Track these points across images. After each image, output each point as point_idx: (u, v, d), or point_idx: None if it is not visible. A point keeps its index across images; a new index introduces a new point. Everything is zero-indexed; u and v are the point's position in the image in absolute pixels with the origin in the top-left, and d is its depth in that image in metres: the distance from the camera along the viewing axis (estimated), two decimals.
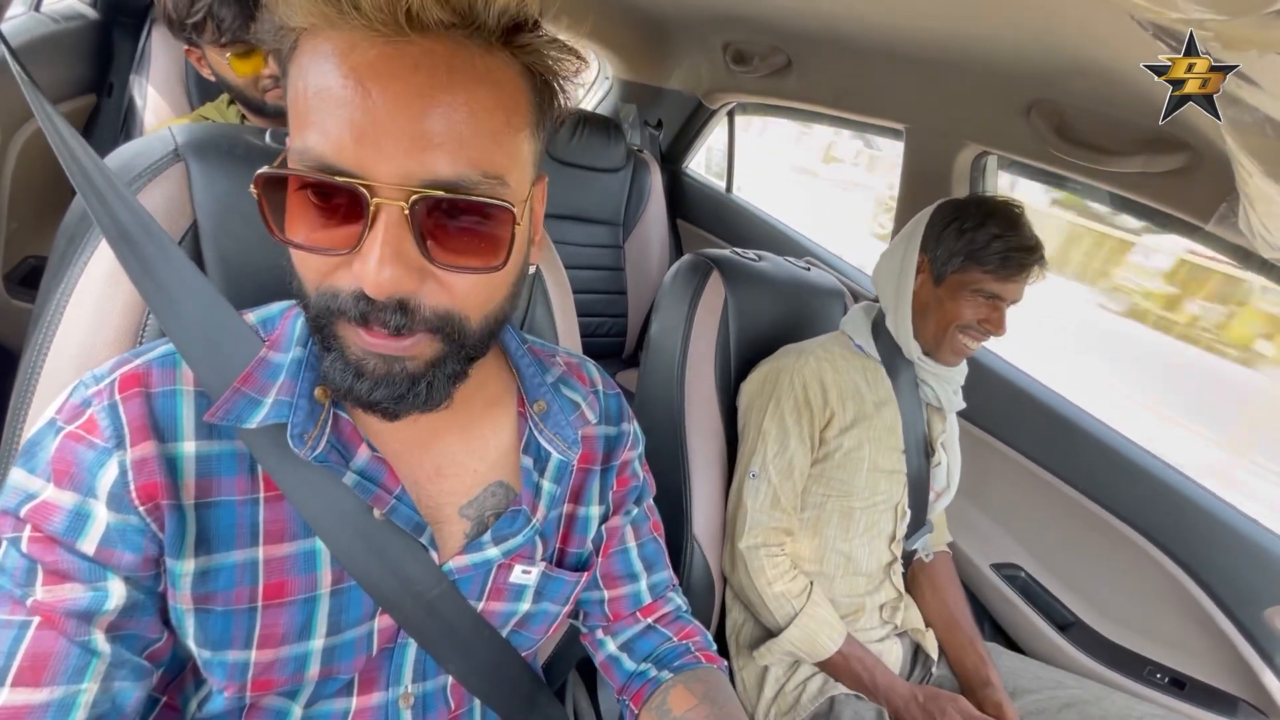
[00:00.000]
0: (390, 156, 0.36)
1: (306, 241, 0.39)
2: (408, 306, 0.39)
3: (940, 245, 1.01)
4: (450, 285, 0.40)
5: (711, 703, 0.61)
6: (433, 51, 0.36)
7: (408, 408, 0.43)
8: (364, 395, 0.42)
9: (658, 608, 0.70)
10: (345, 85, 0.35)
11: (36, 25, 1.47)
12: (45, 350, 0.57)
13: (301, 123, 0.37)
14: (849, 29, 1.31)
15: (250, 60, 1.08)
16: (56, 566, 0.41)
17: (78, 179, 0.51)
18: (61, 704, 0.40)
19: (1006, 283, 0.98)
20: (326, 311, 0.40)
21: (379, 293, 0.38)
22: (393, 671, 0.54)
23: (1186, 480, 1.19)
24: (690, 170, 2.48)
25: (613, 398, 0.66)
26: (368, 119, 0.35)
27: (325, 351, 0.43)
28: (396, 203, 0.36)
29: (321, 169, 0.36)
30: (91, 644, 0.41)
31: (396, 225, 0.37)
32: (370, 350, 0.41)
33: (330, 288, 0.40)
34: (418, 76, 0.36)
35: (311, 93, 0.36)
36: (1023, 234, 0.97)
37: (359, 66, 0.35)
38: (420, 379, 0.42)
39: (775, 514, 1.02)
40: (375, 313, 0.39)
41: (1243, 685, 1.10)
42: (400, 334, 0.40)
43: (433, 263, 0.39)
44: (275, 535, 0.47)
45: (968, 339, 1.02)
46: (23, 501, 0.41)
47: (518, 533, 0.55)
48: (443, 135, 0.36)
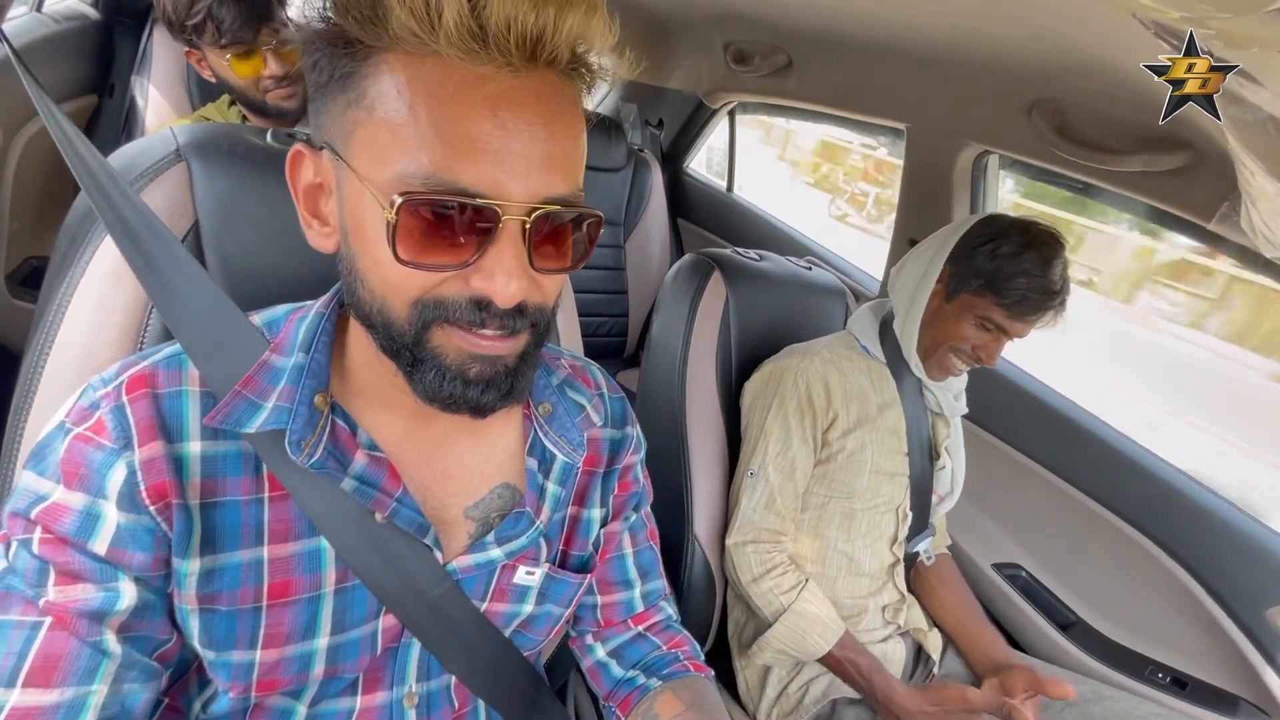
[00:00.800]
0: (521, 178, 0.39)
1: (422, 259, 0.40)
2: (523, 308, 0.43)
3: (968, 260, 0.97)
4: (542, 284, 0.44)
5: (699, 710, 0.61)
6: (547, 82, 0.40)
7: (505, 403, 0.46)
8: (475, 399, 0.44)
9: (649, 616, 0.70)
10: (481, 114, 0.38)
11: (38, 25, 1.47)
12: (47, 350, 0.57)
13: (418, 145, 0.38)
14: (849, 28, 1.31)
15: (250, 61, 1.08)
16: (68, 567, 0.41)
17: (83, 178, 0.51)
18: (71, 705, 0.40)
19: (1017, 321, 0.95)
20: (429, 323, 0.42)
21: (509, 303, 0.41)
22: (397, 671, 0.54)
23: (1188, 480, 1.19)
24: (691, 170, 2.48)
25: (617, 401, 0.66)
26: (503, 146, 0.38)
27: (414, 365, 0.44)
28: (520, 219, 0.40)
29: (455, 192, 0.38)
30: (103, 644, 0.41)
31: (519, 240, 0.40)
32: (475, 353, 0.43)
33: (434, 298, 0.42)
34: (540, 106, 0.39)
35: (437, 119, 0.38)
36: (1051, 276, 0.93)
37: (492, 97, 0.38)
38: (517, 373, 0.46)
39: (768, 515, 1.02)
40: (493, 318, 0.42)
41: (1244, 685, 1.10)
42: (514, 334, 0.44)
43: (535, 269, 0.42)
44: (280, 535, 0.48)
45: (958, 360, 1.00)
46: (33, 503, 0.42)
47: (521, 534, 0.56)
48: (560, 158, 0.41)
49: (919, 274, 1.04)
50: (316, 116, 0.43)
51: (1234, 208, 0.88)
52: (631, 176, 2.07)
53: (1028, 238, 0.95)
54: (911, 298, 1.04)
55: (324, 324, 0.49)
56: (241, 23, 1.04)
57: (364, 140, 0.40)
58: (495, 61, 0.37)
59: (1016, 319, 0.95)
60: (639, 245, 2.09)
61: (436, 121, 0.38)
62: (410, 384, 0.45)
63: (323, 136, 0.43)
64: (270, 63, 1.09)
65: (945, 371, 1.03)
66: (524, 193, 0.39)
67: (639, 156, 2.09)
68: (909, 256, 1.08)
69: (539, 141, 0.39)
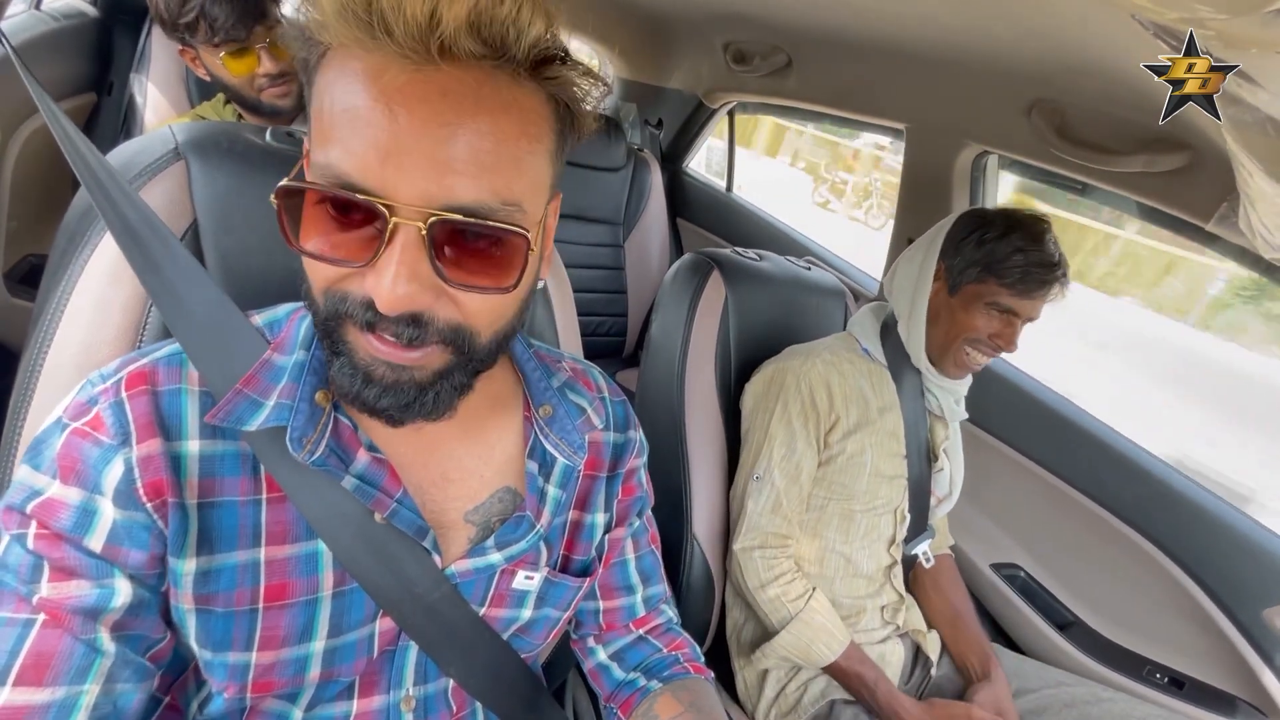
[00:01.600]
0: (412, 179, 0.37)
1: (321, 251, 0.39)
2: (420, 320, 0.40)
3: (959, 254, 0.99)
4: (462, 302, 0.41)
5: (697, 711, 0.62)
6: (461, 79, 0.37)
7: (412, 415, 0.44)
8: (371, 401, 0.43)
9: (650, 619, 0.70)
10: (373, 107, 0.36)
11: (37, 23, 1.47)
12: (46, 348, 0.57)
13: (325, 138, 0.38)
14: (849, 28, 1.31)
15: (244, 59, 1.07)
16: (63, 563, 0.41)
17: (84, 176, 0.51)
18: (63, 705, 0.39)
19: (1024, 299, 0.95)
20: (335, 315, 0.41)
21: (392, 309, 0.38)
22: (394, 674, 0.54)
23: (1186, 480, 1.19)
24: (691, 169, 2.48)
25: (619, 404, 0.66)
26: (393, 141, 0.36)
27: (333, 356, 0.43)
28: (414, 223, 0.37)
29: (344, 185, 0.37)
30: (97, 642, 0.41)
31: (414, 245, 0.38)
32: (379, 358, 0.41)
33: (340, 291, 0.41)
34: (445, 103, 0.36)
35: (338, 110, 0.37)
36: (1046, 250, 0.94)
37: (388, 90, 0.36)
38: (428, 389, 0.43)
39: (775, 519, 1.01)
40: (385, 323, 0.40)
41: (1242, 685, 1.10)
42: (412, 345, 0.41)
43: (447, 282, 0.40)
44: (277, 537, 0.47)
45: (976, 353, 1.00)
46: (29, 498, 0.41)
47: (521, 538, 0.55)
48: (465, 161, 0.37)
49: (913, 276, 1.04)
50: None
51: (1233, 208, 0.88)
52: (631, 176, 2.06)
53: (1012, 220, 0.97)
54: (911, 300, 1.04)
55: None
56: (235, 21, 1.03)
57: (313, 134, 0.40)
58: (388, 51, 0.35)
59: (1023, 296, 0.95)
60: (638, 245, 2.09)
61: (340, 113, 0.37)
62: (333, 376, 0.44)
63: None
64: (264, 60, 1.08)
65: (964, 368, 1.02)
66: (415, 195, 0.37)
67: (638, 156, 2.09)
68: (900, 260, 1.09)
69: (437, 141, 0.36)
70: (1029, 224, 0.96)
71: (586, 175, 1.98)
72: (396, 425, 0.45)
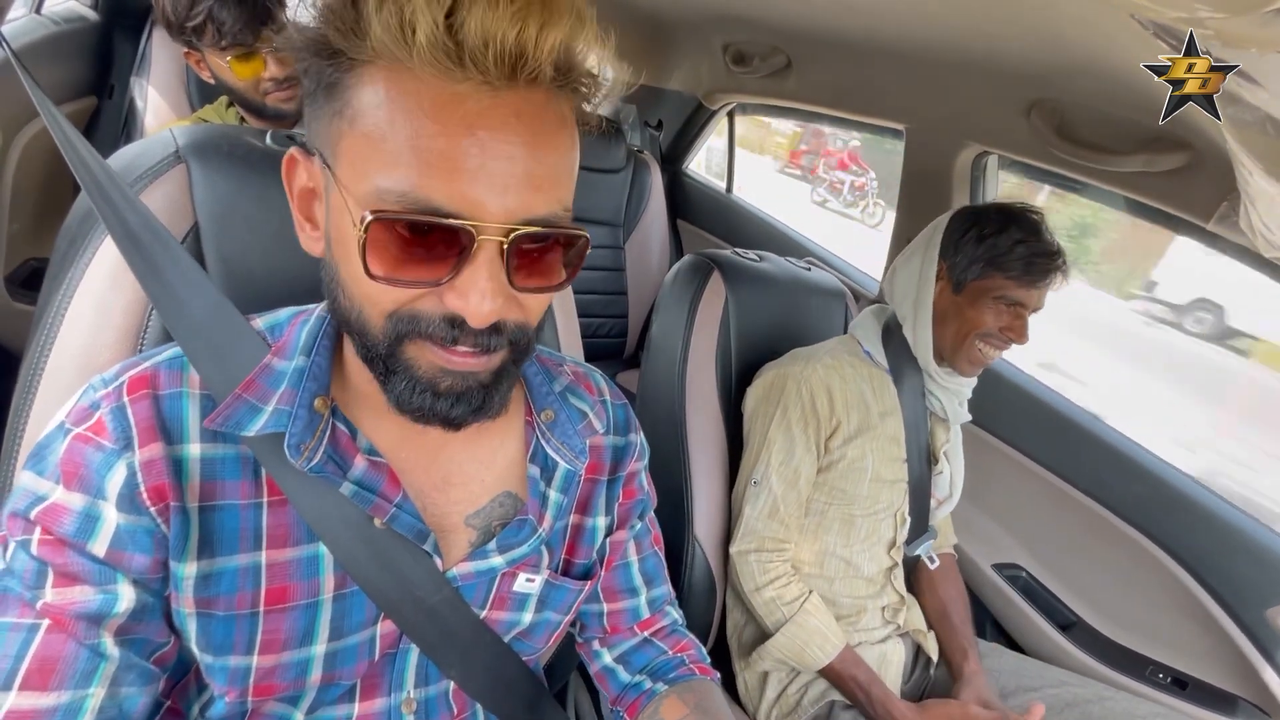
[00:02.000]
0: (499, 198, 0.38)
1: (394, 274, 0.40)
2: (499, 327, 0.42)
3: (960, 252, 0.99)
4: (525, 303, 0.44)
5: (703, 712, 0.62)
6: (530, 100, 0.39)
7: (479, 417, 0.45)
8: (444, 412, 0.44)
9: (655, 621, 0.70)
10: (457, 134, 0.37)
11: (37, 27, 1.47)
12: (47, 352, 0.57)
13: (395, 161, 0.38)
14: (849, 29, 1.31)
15: (251, 63, 1.08)
16: (66, 569, 0.41)
17: (85, 180, 0.51)
18: (68, 709, 0.39)
19: (1030, 289, 0.96)
20: (401, 336, 0.42)
21: (483, 323, 0.40)
22: (395, 677, 0.54)
23: (1188, 480, 1.19)
24: (690, 170, 2.48)
25: (620, 408, 0.66)
26: (479, 167, 0.38)
27: (388, 375, 0.44)
28: (497, 239, 0.39)
29: (428, 210, 0.38)
30: (101, 647, 0.41)
31: (495, 260, 0.40)
32: (445, 369, 0.43)
33: (410, 312, 0.41)
34: (520, 124, 0.38)
35: (413, 135, 0.37)
36: (1044, 239, 0.96)
37: (470, 116, 0.37)
38: (492, 389, 0.45)
39: (772, 524, 1.01)
40: (467, 336, 0.41)
41: (1245, 685, 1.10)
42: (489, 352, 0.43)
43: (515, 288, 0.42)
44: (278, 540, 0.47)
45: (988, 348, 1.00)
46: (32, 504, 0.41)
47: (523, 542, 0.55)
48: (541, 178, 0.40)
49: (914, 279, 1.05)
50: (309, 122, 0.43)
51: (1233, 208, 0.88)
52: (631, 177, 2.07)
53: (1006, 214, 0.98)
54: (915, 303, 1.04)
55: (325, 328, 0.49)
56: (242, 25, 1.03)
57: (346, 151, 0.40)
58: (473, 80, 0.37)
59: (1029, 286, 0.97)
60: (638, 246, 2.09)
61: (413, 138, 0.37)
62: (384, 393, 0.45)
63: (314, 143, 0.43)
64: (270, 65, 1.09)
65: (976, 364, 1.03)
66: (501, 213, 0.38)
67: (638, 157, 2.09)
68: (897, 263, 1.09)
69: (518, 161, 0.38)
70: (1024, 216, 0.98)
71: (587, 177, 1.97)
72: (457, 429, 0.46)
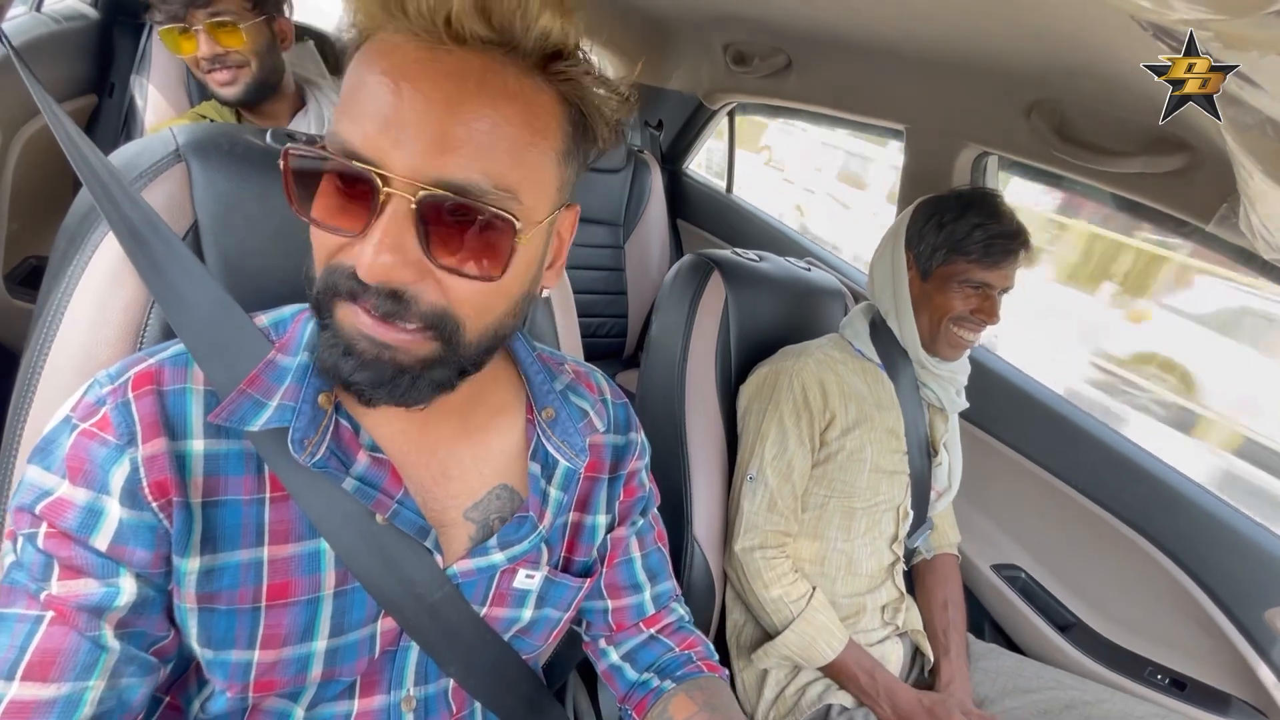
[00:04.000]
0: (407, 152, 0.38)
1: (322, 219, 0.41)
2: (401, 297, 0.41)
3: (923, 240, 1.03)
4: (448, 287, 0.42)
5: (712, 710, 0.61)
6: (469, 63, 0.39)
7: (384, 396, 0.44)
8: (346, 374, 0.43)
9: (661, 618, 0.70)
10: (381, 81, 0.38)
11: (37, 25, 1.47)
12: (46, 350, 0.57)
13: (340, 112, 0.41)
14: (849, 29, 1.31)
15: (183, 40, 1.11)
16: (71, 562, 0.42)
17: (87, 178, 0.51)
18: (69, 700, 0.40)
19: (992, 270, 0.98)
20: (329, 288, 0.42)
21: (370, 277, 0.39)
22: (395, 674, 0.54)
23: (1187, 481, 1.19)
24: (690, 170, 2.48)
25: (620, 407, 0.66)
26: (394, 114, 0.38)
27: (322, 329, 0.44)
28: (405, 195, 0.38)
29: (345, 155, 0.39)
30: (101, 639, 0.42)
31: (401, 217, 0.39)
32: (363, 332, 0.42)
33: (336, 263, 0.42)
34: (448, 83, 0.38)
35: (351, 84, 0.40)
36: (1003, 221, 0.98)
37: (397, 66, 0.38)
38: (405, 373, 0.43)
39: (772, 517, 1.02)
40: (367, 295, 0.41)
41: (1243, 686, 1.10)
42: (389, 321, 0.41)
43: (432, 261, 0.40)
44: (280, 536, 0.48)
45: (963, 330, 1.02)
46: (38, 498, 0.42)
47: (523, 539, 0.56)
48: (460, 140, 0.38)
49: (888, 272, 1.07)
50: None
51: (1232, 209, 0.88)
52: (631, 177, 2.07)
53: (965, 199, 1.01)
54: (894, 295, 1.06)
55: None
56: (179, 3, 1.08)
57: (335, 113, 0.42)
58: (404, 31, 0.39)
59: (991, 268, 0.99)
60: (638, 246, 2.09)
61: (351, 88, 0.40)
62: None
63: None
64: (202, 44, 1.11)
65: (957, 347, 1.05)
66: (408, 168, 0.38)
67: (638, 157, 2.09)
68: (873, 261, 1.12)
69: (434, 117, 0.38)
70: (983, 200, 1.00)
71: (586, 177, 1.95)
72: (366, 404, 0.45)
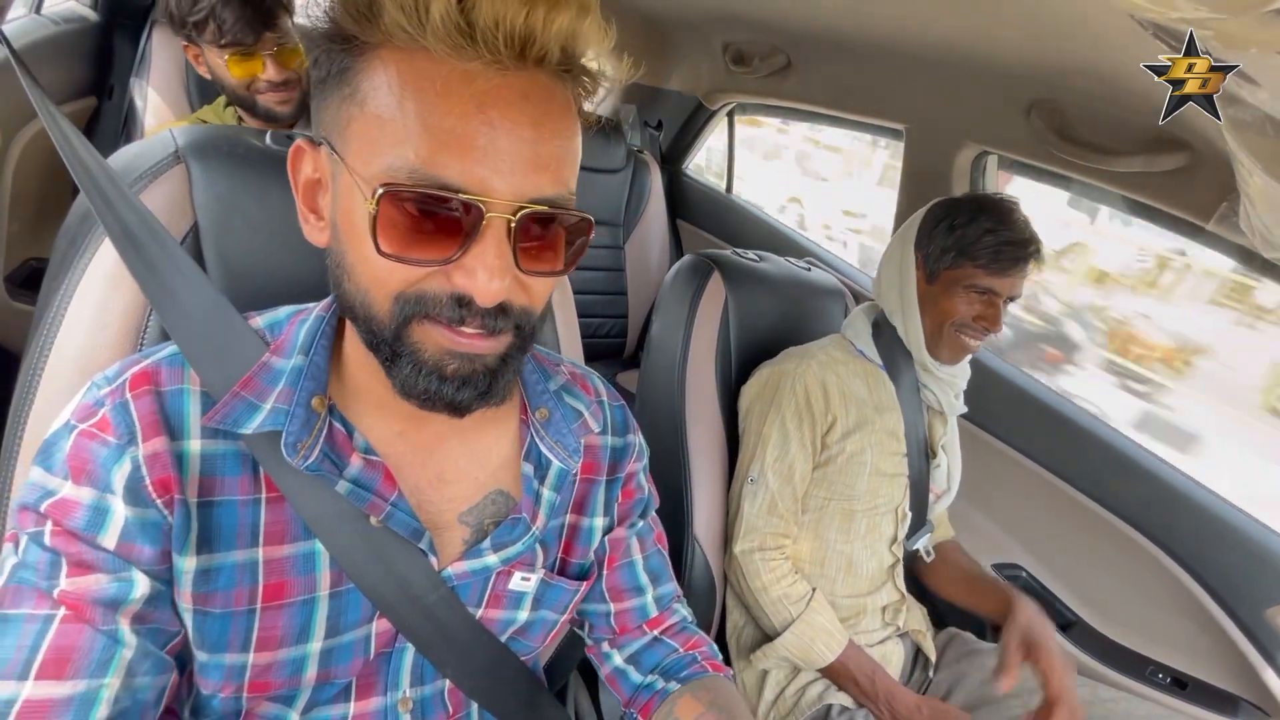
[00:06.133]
0: (507, 178, 0.39)
1: (401, 252, 0.40)
2: (505, 308, 0.43)
3: (932, 243, 1.01)
4: (530, 286, 0.44)
5: (719, 710, 0.61)
6: (535, 82, 0.40)
7: (483, 402, 0.45)
8: (450, 396, 0.44)
9: (664, 619, 0.70)
10: (468, 111, 0.38)
11: (37, 27, 1.47)
12: (46, 352, 0.57)
13: (405, 139, 0.38)
14: (849, 29, 1.31)
15: (248, 63, 1.08)
16: (80, 558, 0.41)
17: (83, 180, 0.51)
18: (84, 698, 0.40)
19: (1000, 277, 0.97)
20: (408, 318, 0.42)
21: (490, 301, 0.41)
22: (390, 676, 0.54)
23: (1187, 480, 1.19)
24: (690, 171, 2.48)
25: (618, 409, 0.66)
26: (490, 144, 0.39)
27: (393, 359, 0.44)
28: (505, 217, 0.40)
29: (439, 186, 0.39)
30: (118, 634, 0.41)
31: (502, 238, 0.40)
32: (454, 350, 0.43)
33: (416, 293, 0.42)
34: (527, 105, 0.40)
35: (424, 113, 0.38)
36: (1015, 228, 0.96)
37: (480, 94, 0.38)
38: (497, 374, 0.45)
39: (772, 519, 1.02)
40: (474, 316, 0.42)
41: (1245, 685, 1.10)
42: (495, 334, 0.43)
43: (520, 269, 0.42)
44: (275, 537, 0.48)
45: (966, 336, 1.01)
46: (42, 497, 0.42)
47: (517, 540, 0.55)
48: (546, 159, 0.41)
49: (896, 273, 1.06)
50: (317, 112, 0.44)
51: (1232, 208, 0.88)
52: (631, 178, 2.07)
53: (979, 204, 0.99)
54: (900, 296, 1.05)
55: (324, 327, 0.49)
56: (243, 25, 1.04)
57: (356, 134, 0.40)
58: (483, 58, 0.38)
59: (998, 275, 0.97)
60: (638, 246, 2.09)
61: (423, 116, 0.38)
62: (389, 378, 0.45)
63: (321, 132, 0.43)
64: (268, 67, 1.10)
65: (958, 351, 1.04)
66: (509, 191, 0.39)
67: (638, 158, 2.09)
68: (882, 260, 1.11)
69: (525, 141, 0.39)
70: (996, 205, 0.98)
71: (586, 177, 1.96)
72: (462, 415, 0.46)
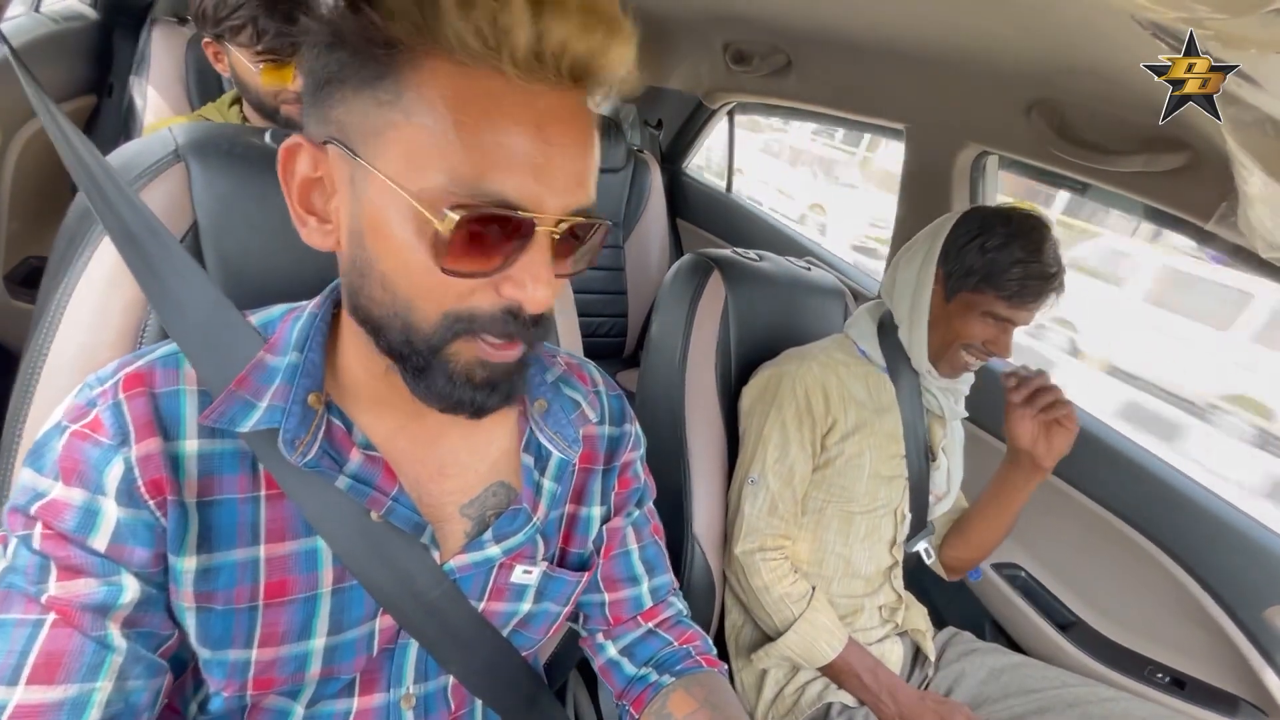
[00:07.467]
0: (559, 194, 0.41)
1: (457, 268, 0.40)
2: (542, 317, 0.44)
3: (959, 260, 0.97)
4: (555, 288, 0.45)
5: (712, 707, 0.61)
6: (577, 99, 0.41)
7: (504, 404, 0.46)
8: (481, 402, 0.45)
9: (659, 612, 0.70)
10: (529, 131, 0.39)
11: (37, 25, 1.47)
12: (46, 351, 0.57)
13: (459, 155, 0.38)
14: (849, 29, 1.31)
15: (280, 72, 1.08)
16: (69, 562, 0.41)
17: (81, 178, 0.51)
18: (75, 703, 0.40)
19: (1020, 309, 0.95)
20: (458, 334, 0.42)
21: (539, 308, 0.42)
22: (394, 672, 0.54)
23: (1187, 480, 1.19)
24: (690, 170, 2.48)
25: (614, 398, 0.66)
26: (546, 162, 0.40)
27: (423, 369, 0.44)
28: (549, 229, 0.41)
29: (501, 203, 0.39)
30: (108, 639, 0.41)
31: (547, 249, 0.42)
32: (482, 360, 0.44)
33: (466, 309, 0.42)
34: (576, 122, 0.41)
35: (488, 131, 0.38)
36: (1045, 260, 0.93)
37: (539, 114, 0.39)
38: (516, 375, 0.47)
39: (773, 520, 1.02)
40: (520, 328, 0.43)
41: (1244, 685, 1.10)
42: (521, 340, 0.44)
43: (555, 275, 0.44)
44: (276, 534, 0.48)
45: (970, 357, 1.00)
46: (32, 500, 0.42)
47: (518, 531, 0.55)
48: (585, 172, 0.42)
49: (912, 279, 1.03)
50: (319, 110, 0.42)
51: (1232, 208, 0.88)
52: (631, 177, 2.07)
53: (1012, 226, 0.95)
54: (912, 304, 1.03)
55: (317, 323, 0.49)
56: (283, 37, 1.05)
57: (396, 142, 0.39)
58: (547, 81, 0.39)
59: (1020, 308, 0.95)
60: (638, 245, 2.09)
61: (486, 133, 0.38)
62: (411, 386, 0.45)
63: (331, 132, 0.41)
64: (298, 79, 1.09)
65: (958, 369, 1.03)
66: (558, 206, 0.41)
67: (638, 157, 2.09)
68: (899, 262, 1.07)
69: (573, 158, 0.41)
70: (1031, 231, 0.94)
71: None
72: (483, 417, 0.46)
